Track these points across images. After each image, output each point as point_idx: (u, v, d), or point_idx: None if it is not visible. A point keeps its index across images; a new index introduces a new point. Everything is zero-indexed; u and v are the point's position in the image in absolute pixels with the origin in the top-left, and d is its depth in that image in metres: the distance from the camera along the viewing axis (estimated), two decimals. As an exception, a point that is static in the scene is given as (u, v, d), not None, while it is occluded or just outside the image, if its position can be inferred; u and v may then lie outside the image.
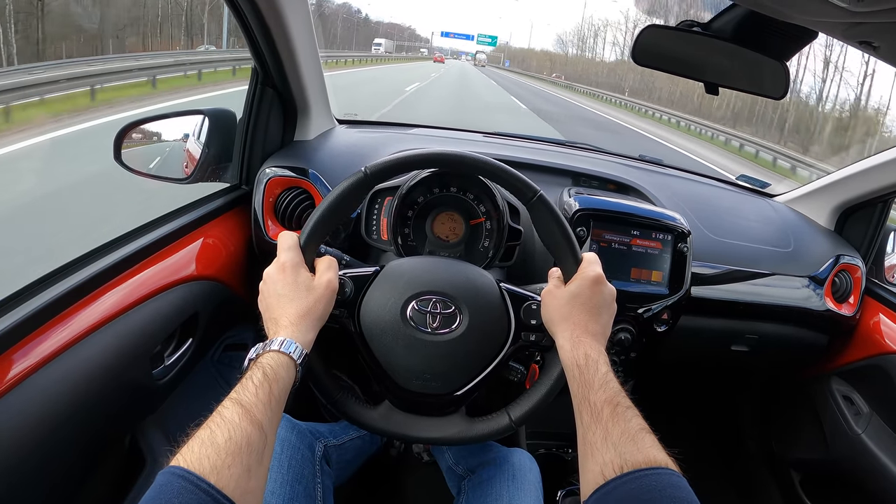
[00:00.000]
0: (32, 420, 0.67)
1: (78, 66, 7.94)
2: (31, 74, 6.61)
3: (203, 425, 0.53)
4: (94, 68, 7.92)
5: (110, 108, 7.10)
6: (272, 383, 0.59)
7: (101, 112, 6.89)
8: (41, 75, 6.73)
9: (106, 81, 7.99)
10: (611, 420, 0.57)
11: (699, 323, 1.21)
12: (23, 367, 0.68)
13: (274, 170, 1.10)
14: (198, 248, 1.03)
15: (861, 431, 1.27)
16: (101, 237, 0.91)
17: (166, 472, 0.48)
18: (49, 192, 4.12)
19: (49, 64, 9.06)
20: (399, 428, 0.78)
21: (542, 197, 0.75)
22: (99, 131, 5.68)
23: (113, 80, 8.33)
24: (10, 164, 4.82)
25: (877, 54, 0.73)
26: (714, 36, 0.84)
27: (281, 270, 0.70)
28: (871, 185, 1.31)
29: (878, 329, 1.31)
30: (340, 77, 19.38)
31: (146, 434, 0.94)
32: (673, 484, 0.51)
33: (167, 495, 0.46)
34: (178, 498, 0.46)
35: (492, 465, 0.97)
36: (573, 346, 0.67)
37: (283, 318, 0.67)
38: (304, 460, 0.88)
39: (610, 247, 1.08)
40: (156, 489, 0.47)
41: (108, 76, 8.22)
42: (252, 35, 1.01)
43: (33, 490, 0.68)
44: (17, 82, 6.17)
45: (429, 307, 0.74)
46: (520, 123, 13.41)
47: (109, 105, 7.32)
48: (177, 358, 0.94)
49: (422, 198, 1.02)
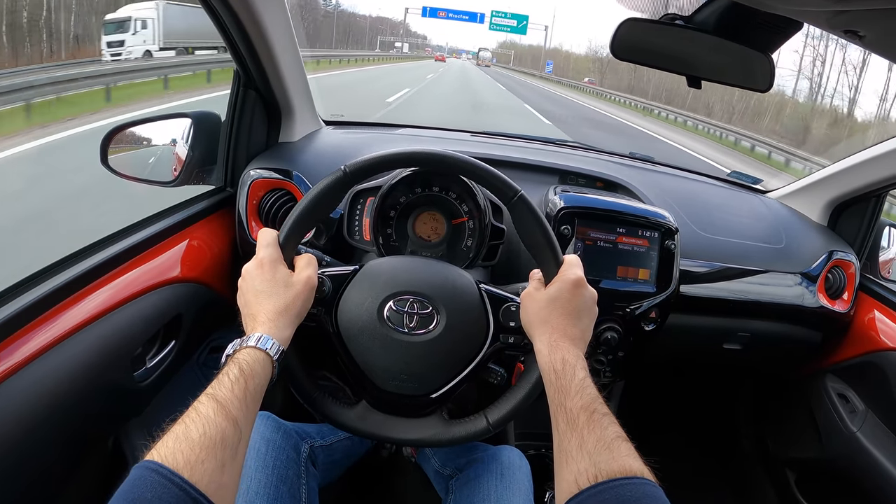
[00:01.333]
0: (11, 418, 0.67)
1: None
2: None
3: (178, 420, 0.53)
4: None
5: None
6: (248, 379, 0.59)
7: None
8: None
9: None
10: (586, 427, 0.57)
11: (690, 321, 1.20)
12: (3, 367, 0.68)
13: (258, 171, 1.10)
14: (182, 250, 1.03)
15: (856, 429, 1.26)
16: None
17: (140, 467, 0.49)
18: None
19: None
20: (375, 428, 0.78)
21: (522, 197, 0.74)
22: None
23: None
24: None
25: (863, 44, 0.72)
26: (696, 29, 0.83)
27: (259, 266, 0.70)
28: (863, 180, 1.30)
29: (872, 325, 1.29)
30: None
31: (129, 436, 0.95)
32: (647, 494, 0.50)
33: (140, 489, 0.46)
34: (151, 492, 0.46)
35: (479, 464, 0.96)
36: (550, 351, 0.67)
37: (260, 315, 0.67)
38: (288, 461, 0.88)
39: (595, 245, 1.07)
40: (129, 483, 0.47)
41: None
42: (230, 36, 1.01)
43: (10, 486, 0.68)
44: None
45: (406, 307, 0.74)
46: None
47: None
48: (159, 360, 0.94)
49: (403, 197, 1.01)
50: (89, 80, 7.68)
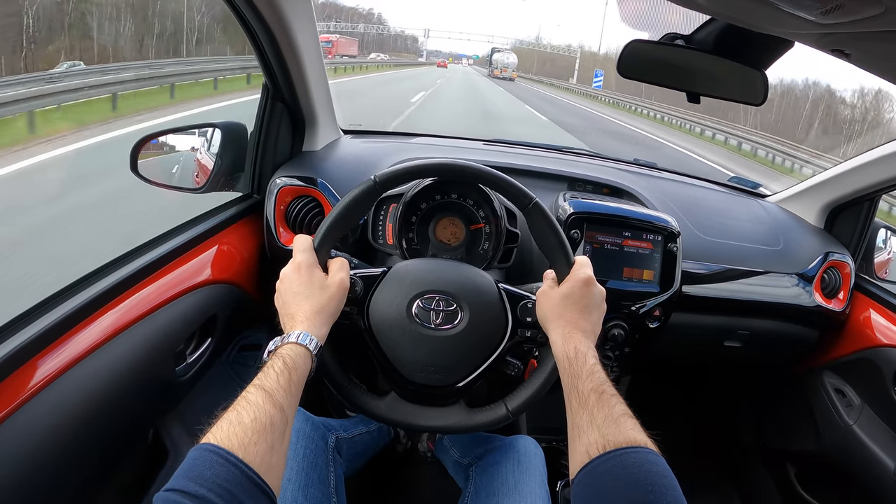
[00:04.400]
0: (66, 416, 0.73)
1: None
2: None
3: (230, 408, 0.59)
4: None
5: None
6: (291, 371, 0.65)
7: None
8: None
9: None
10: (596, 406, 0.63)
11: (692, 319, 1.26)
12: (56, 365, 0.74)
13: (284, 179, 1.16)
14: (213, 254, 1.09)
15: (853, 423, 1.31)
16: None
17: (198, 448, 0.54)
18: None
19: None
20: (404, 417, 0.84)
21: (537, 204, 0.81)
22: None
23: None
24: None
25: (850, 61, 0.78)
26: (696, 48, 0.89)
27: (297, 270, 0.76)
28: (857, 184, 1.35)
29: (868, 324, 1.34)
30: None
31: (168, 428, 1.00)
32: (650, 461, 0.56)
33: (200, 467, 0.51)
34: (210, 470, 0.51)
35: (497, 452, 1.02)
36: (564, 341, 0.73)
37: (299, 314, 0.73)
38: (318, 450, 0.94)
39: (603, 248, 1.14)
40: (189, 462, 0.53)
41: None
42: (263, 51, 1.07)
43: (66, 482, 0.74)
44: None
45: (432, 305, 0.80)
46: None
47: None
48: (197, 356, 1.01)
49: (425, 204, 1.07)
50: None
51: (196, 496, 0.49)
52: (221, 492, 0.50)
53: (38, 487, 0.68)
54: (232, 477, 0.52)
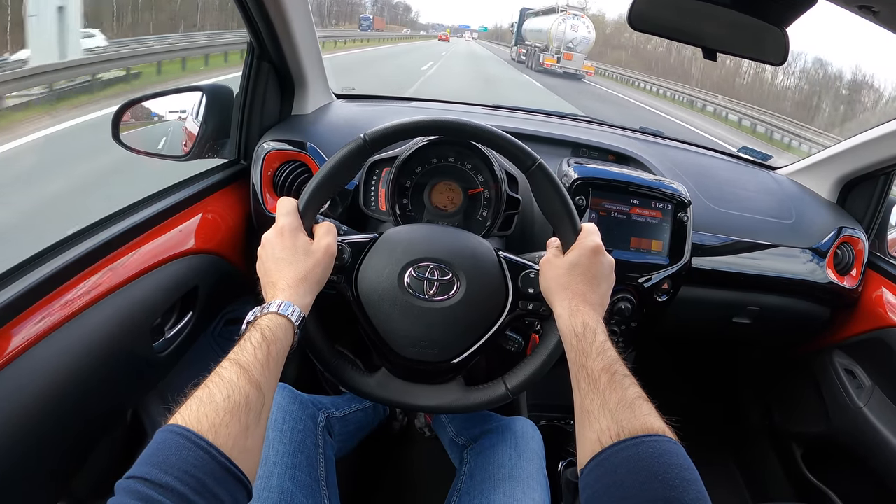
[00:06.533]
0: (34, 393, 0.68)
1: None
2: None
3: (202, 385, 0.53)
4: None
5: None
6: (270, 344, 0.59)
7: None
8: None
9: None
10: (608, 388, 0.57)
11: (700, 294, 1.21)
12: (23, 339, 0.68)
13: (272, 144, 1.10)
14: (197, 222, 1.03)
15: (863, 405, 1.28)
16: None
17: (164, 430, 0.49)
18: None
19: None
20: (395, 395, 0.79)
21: (541, 165, 0.74)
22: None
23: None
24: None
25: (877, 19, 0.72)
26: (713, 1, 0.83)
27: (279, 234, 0.70)
28: (873, 157, 1.30)
29: (880, 302, 1.30)
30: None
31: (148, 408, 0.96)
32: (669, 451, 0.51)
33: (165, 452, 0.47)
34: (176, 455, 0.46)
35: (494, 433, 0.97)
36: (571, 315, 0.67)
37: (280, 282, 0.67)
38: (306, 430, 0.89)
39: (609, 216, 1.07)
40: (154, 446, 0.48)
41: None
42: (245, 5, 1.00)
43: (37, 465, 0.69)
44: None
45: (426, 274, 0.74)
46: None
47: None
48: (177, 331, 0.95)
49: (419, 168, 1.01)
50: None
51: (159, 484, 0.44)
52: (188, 479, 0.45)
53: (4, 472, 0.63)
54: (200, 463, 0.47)
